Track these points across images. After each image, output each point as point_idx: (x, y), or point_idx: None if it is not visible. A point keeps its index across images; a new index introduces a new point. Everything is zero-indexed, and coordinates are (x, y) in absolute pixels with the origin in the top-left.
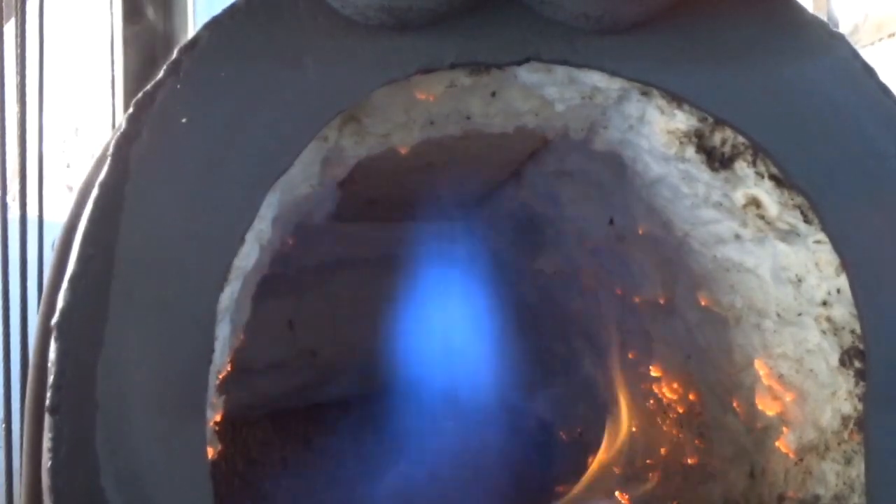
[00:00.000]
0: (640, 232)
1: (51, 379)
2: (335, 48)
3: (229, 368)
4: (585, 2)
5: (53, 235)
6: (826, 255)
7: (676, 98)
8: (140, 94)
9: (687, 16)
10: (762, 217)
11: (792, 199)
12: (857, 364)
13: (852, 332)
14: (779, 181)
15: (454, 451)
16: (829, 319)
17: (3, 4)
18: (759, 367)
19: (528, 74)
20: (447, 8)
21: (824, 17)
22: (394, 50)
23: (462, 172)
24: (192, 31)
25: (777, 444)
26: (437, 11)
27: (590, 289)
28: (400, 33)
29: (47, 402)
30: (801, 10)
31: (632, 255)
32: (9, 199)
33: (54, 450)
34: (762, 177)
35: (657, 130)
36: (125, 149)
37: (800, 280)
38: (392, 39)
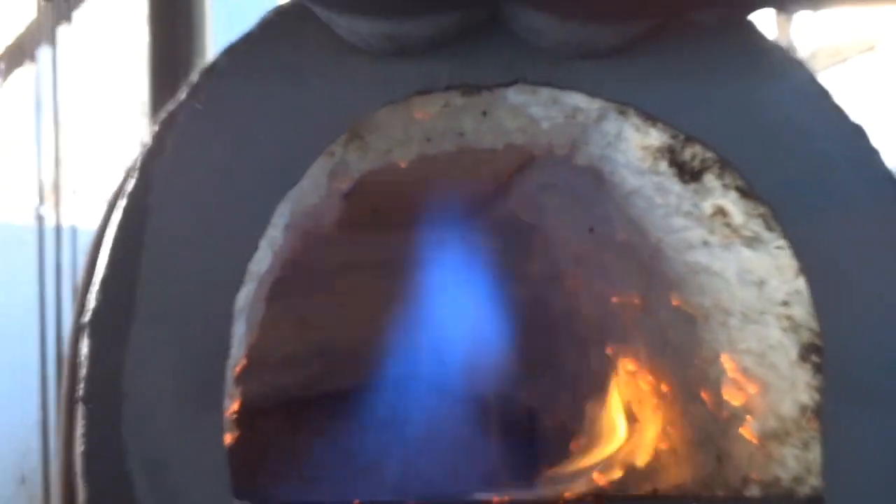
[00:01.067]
0: (618, 239)
1: (83, 372)
2: (341, 72)
3: (245, 362)
4: (566, 31)
5: (85, 242)
6: (786, 259)
7: (651, 117)
8: (164, 114)
9: (660, 42)
10: (728, 225)
11: (755, 209)
12: (815, 358)
13: (810, 329)
14: (744, 192)
15: (451, 437)
16: (789, 318)
17: (41, 32)
18: (725, 361)
19: (515, 95)
20: (442, 36)
21: (785, 44)
22: (394, 74)
23: (456, 185)
24: (210, 55)
25: (741, 431)
26: (433, 39)
27: (573, 290)
28: (399, 58)
29: (80, 392)
30: (763, 37)
31: (610, 260)
32: (44, 209)
33: (86, 436)
34: (728, 188)
35: (633, 146)
36: (150, 163)
37: (762, 282)
38: (392, 64)
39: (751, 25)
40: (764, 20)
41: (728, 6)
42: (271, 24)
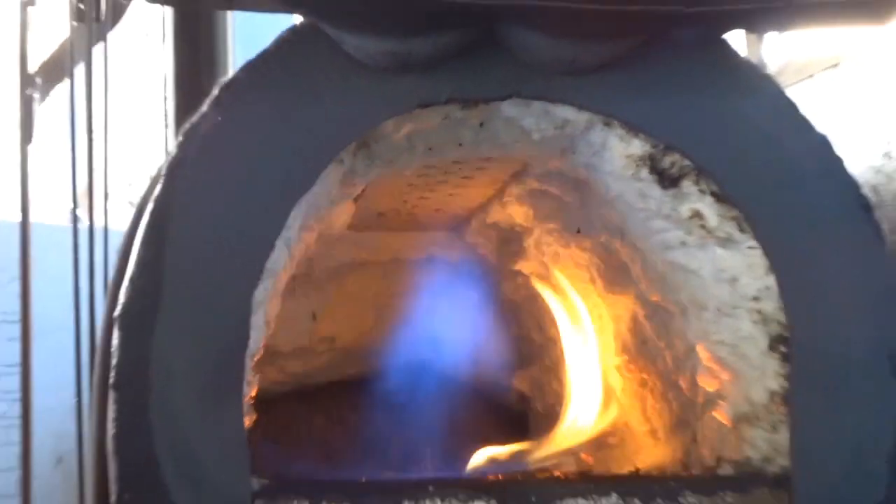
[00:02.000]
0: (602, 240)
1: (114, 361)
2: (349, 87)
3: (262, 352)
4: (558, 48)
5: (116, 242)
6: (757, 258)
7: (633, 128)
8: (187, 125)
9: (643, 59)
10: (704, 227)
11: (729, 212)
12: (783, 349)
13: (779, 322)
14: (718, 197)
15: (449, 419)
16: (759, 312)
17: (74, 50)
18: (701, 351)
19: (510, 108)
20: (442, 53)
21: (756, 61)
22: (398, 88)
23: (456, 190)
24: (231, 71)
25: (716, 414)
26: (433, 56)
27: (561, 287)
28: (403, 74)
29: (111, 380)
30: (736, 54)
31: (595, 260)
32: (79, 212)
33: (117, 420)
34: (704, 193)
35: (617, 155)
36: (174, 170)
37: (735, 279)
38: (396, 79)
39: (725, 44)
40: (736, 39)
41: (704, 25)
42: (286, 43)
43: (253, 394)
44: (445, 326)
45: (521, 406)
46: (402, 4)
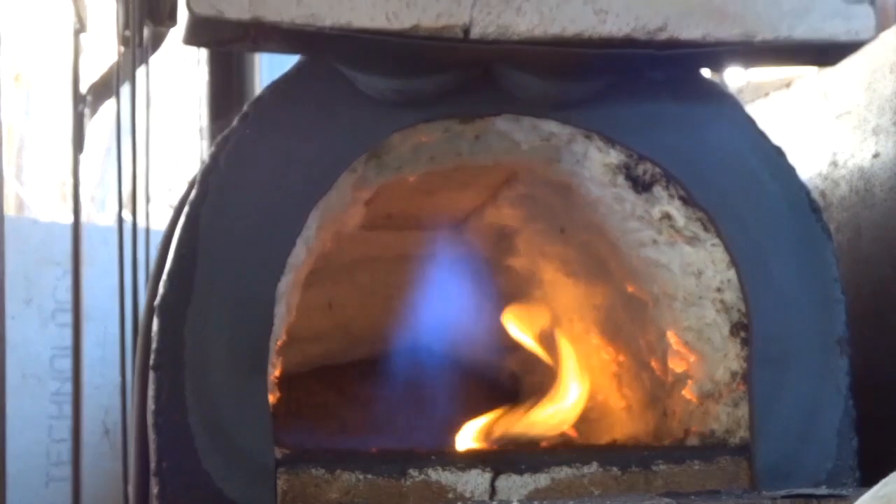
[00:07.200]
0: (584, 238)
1: (154, 345)
2: (361, 103)
3: (284, 338)
4: (546, 86)
5: (157, 240)
6: (720, 254)
7: (610, 140)
8: (219, 137)
9: (620, 84)
10: (673, 227)
11: (695, 214)
12: (742, 334)
13: (739, 310)
14: (685, 200)
15: (448, 395)
16: (721, 301)
17: (122, 72)
18: (670, 336)
19: (502, 123)
20: (444, 91)
21: (718, 80)
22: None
23: (455, 195)
24: (257, 90)
25: (683, 392)
26: (436, 93)
27: (547, 280)
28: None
29: (151, 361)
30: (701, 75)
31: (577, 256)
32: (124, 213)
33: (156, 397)
34: (673, 197)
35: (596, 164)
36: (208, 177)
37: (700, 273)
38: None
39: None
40: None
41: (673, 66)
42: (306, 66)
43: (277, 374)
44: (446, 314)
45: (512, 384)
46: (408, 51)
